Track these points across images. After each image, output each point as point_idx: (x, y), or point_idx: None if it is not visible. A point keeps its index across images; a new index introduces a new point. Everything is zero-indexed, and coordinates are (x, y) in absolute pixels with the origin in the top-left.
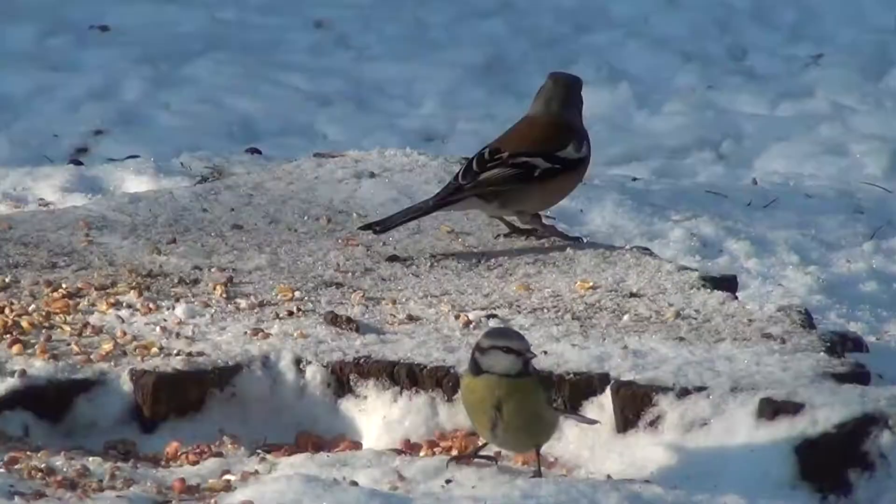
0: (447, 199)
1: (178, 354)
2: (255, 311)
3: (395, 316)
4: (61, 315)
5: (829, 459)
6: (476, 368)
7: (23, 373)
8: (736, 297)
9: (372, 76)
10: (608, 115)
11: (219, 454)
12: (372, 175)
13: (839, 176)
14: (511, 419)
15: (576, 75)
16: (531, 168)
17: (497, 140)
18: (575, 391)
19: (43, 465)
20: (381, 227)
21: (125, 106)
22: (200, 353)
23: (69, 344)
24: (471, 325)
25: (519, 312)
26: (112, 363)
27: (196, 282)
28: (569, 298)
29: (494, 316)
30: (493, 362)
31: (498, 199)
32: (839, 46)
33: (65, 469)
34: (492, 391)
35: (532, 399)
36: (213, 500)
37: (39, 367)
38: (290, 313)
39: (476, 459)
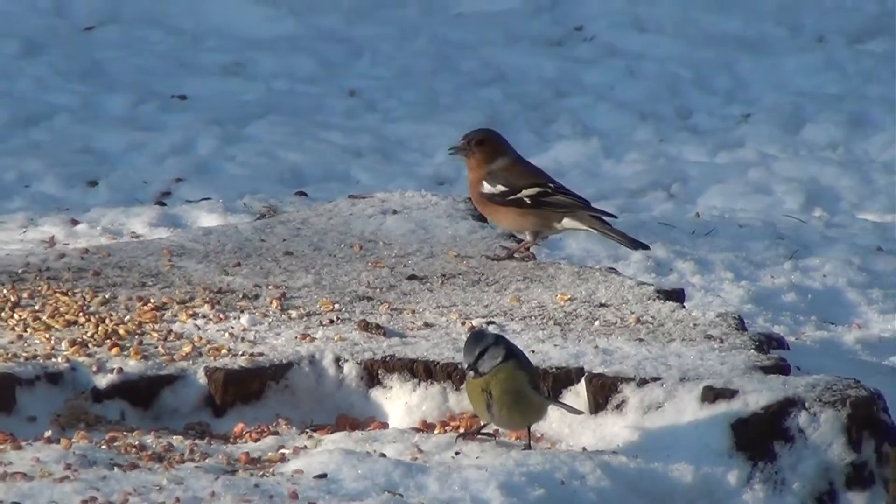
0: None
1: (242, 355)
2: (304, 319)
3: (414, 323)
4: (150, 324)
5: (758, 434)
6: None
7: (120, 370)
8: (683, 307)
9: (395, 133)
10: (582, 164)
11: (275, 433)
12: (395, 212)
13: (765, 210)
14: (498, 398)
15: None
16: None
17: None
18: (556, 382)
19: (136, 443)
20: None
21: (200, 159)
22: (260, 354)
23: (156, 347)
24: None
25: (512, 319)
26: (190, 362)
27: (257, 297)
28: (551, 308)
29: (493, 322)
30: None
31: None
32: (764, 107)
33: (153, 445)
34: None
35: (512, 380)
36: (271, 469)
37: (133, 365)
38: (331, 321)
39: (479, 436)
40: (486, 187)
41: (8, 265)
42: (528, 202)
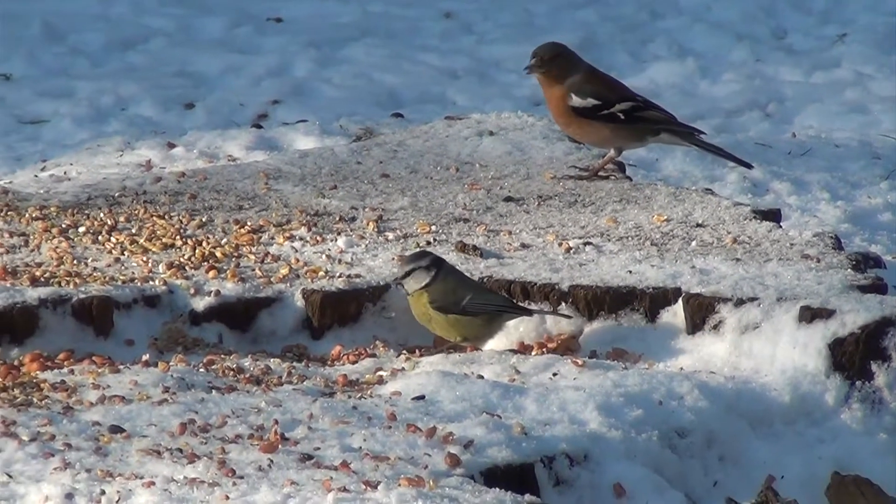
0: None
1: (339, 276)
2: (400, 241)
3: (510, 244)
4: (247, 246)
5: (855, 353)
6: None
7: (217, 293)
8: (780, 227)
9: (490, 55)
10: (678, 84)
11: (373, 355)
12: (491, 133)
13: (861, 130)
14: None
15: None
16: None
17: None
18: (654, 302)
19: (234, 366)
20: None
21: (296, 81)
22: (357, 276)
23: (254, 269)
24: (571, 251)
25: (609, 240)
26: (288, 284)
27: (353, 219)
28: (648, 229)
29: (589, 243)
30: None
31: None
32: (860, 27)
33: (251, 368)
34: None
35: (417, 305)
36: (368, 392)
37: (230, 287)
38: (428, 243)
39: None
40: (576, 100)
41: (105, 189)
42: (622, 117)
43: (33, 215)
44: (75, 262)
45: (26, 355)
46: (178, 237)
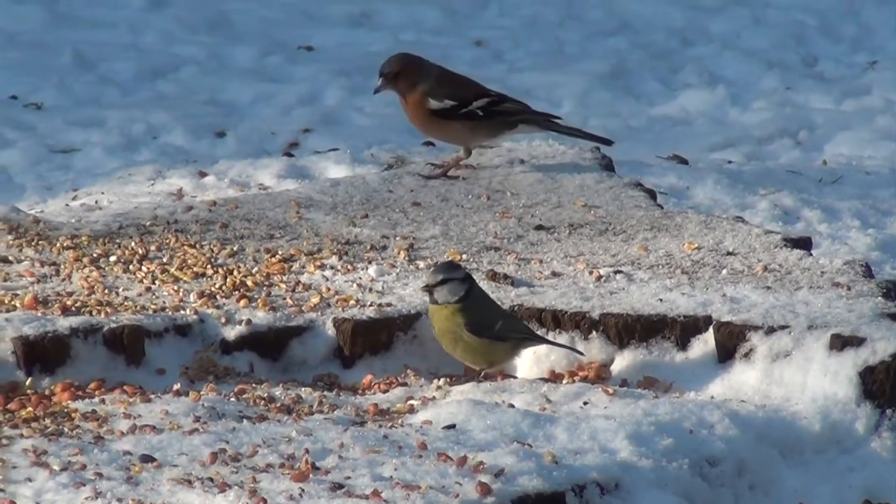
0: None
1: (370, 305)
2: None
3: (541, 272)
4: (278, 275)
5: (885, 382)
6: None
7: (248, 321)
8: (811, 254)
9: (521, 83)
10: (708, 112)
11: (404, 384)
12: (522, 161)
13: (891, 157)
14: (439, 334)
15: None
16: None
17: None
18: (684, 330)
19: (265, 395)
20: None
21: (327, 110)
22: (389, 304)
23: (285, 298)
24: (601, 279)
25: (640, 269)
26: (319, 313)
27: (384, 248)
28: (679, 257)
29: (620, 272)
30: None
31: None
32: (891, 54)
33: (282, 397)
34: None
35: (450, 321)
36: (399, 420)
37: (262, 316)
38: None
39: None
40: (434, 103)
41: (136, 218)
42: (481, 113)
43: (64, 244)
44: (106, 291)
45: (57, 385)
46: (209, 266)
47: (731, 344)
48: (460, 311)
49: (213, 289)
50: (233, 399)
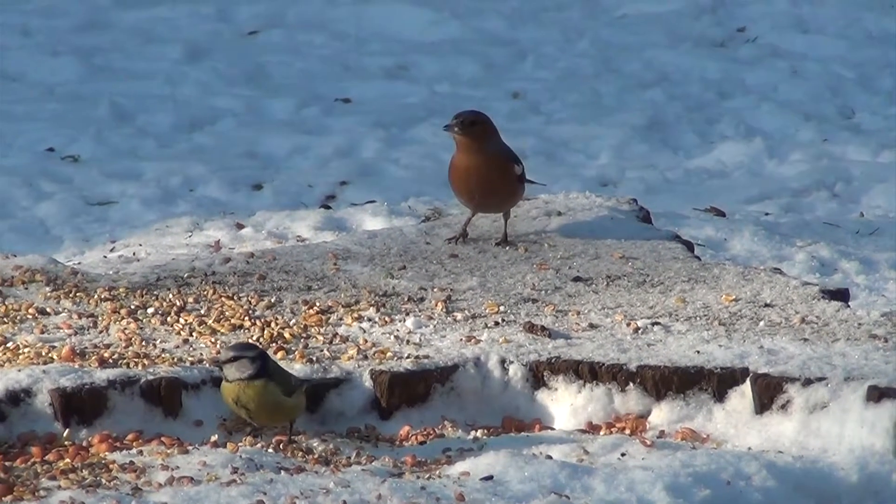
0: None
1: (408, 357)
2: (469, 322)
3: (578, 324)
4: (315, 327)
5: None
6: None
7: None
8: (848, 306)
9: (558, 135)
10: (745, 164)
11: (441, 435)
12: (559, 213)
13: None
14: (256, 412)
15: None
16: None
17: None
18: (721, 382)
19: (303, 446)
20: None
21: (364, 162)
22: (426, 356)
23: (322, 350)
24: (639, 331)
25: (677, 320)
26: (356, 365)
27: (422, 300)
28: (716, 309)
29: (658, 323)
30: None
31: None
32: None
33: (320, 448)
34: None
35: (266, 395)
36: (437, 472)
37: (299, 368)
38: (497, 323)
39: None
40: (517, 168)
41: (174, 269)
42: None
43: (102, 296)
44: (144, 343)
45: (95, 436)
46: (246, 318)
47: (768, 395)
48: (267, 384)
49: (250, 341)
50: (270, 450)
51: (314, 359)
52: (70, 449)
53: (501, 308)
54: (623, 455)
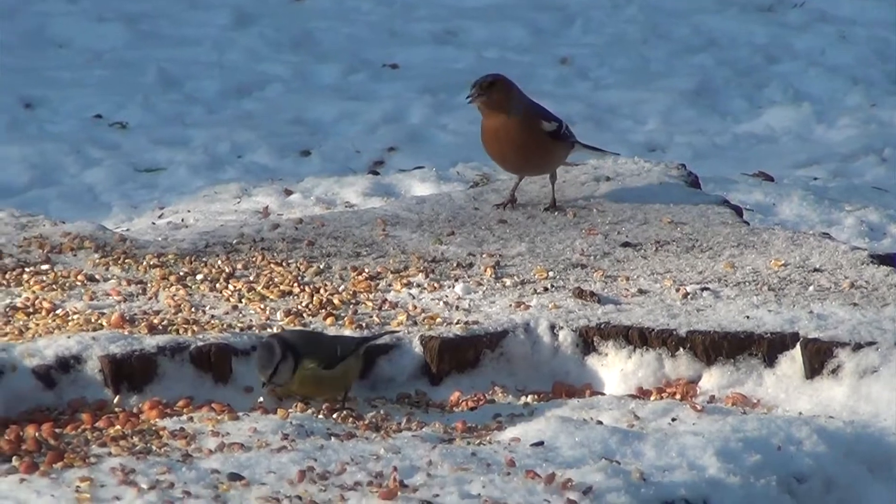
0: None
1: (457, 323)
2: (518, 287)
3: (628, 290)
4: (364, 293)
5: None
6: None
7: None
8: None
9: (605, 101)
10: (793, 129)
11: (491, 401)
12: (608, 179)
13: None
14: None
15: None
16: None
17: None
18: (771, 347)
19: (353, 412)
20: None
21: (412, 127)
22: (475, 322)
23: (371, 316)
24: (688, 296)
25: (726, 286)
26: (406, 331)
27: (471, 265)
28: (765, 274)
29: (707, 289)
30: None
31: None
32: None
33: (370, 415)
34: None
35: (309, 379)
36: (487, 438)
37: (348, 335)
38: (546, 289)
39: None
40: (546, 125)
41: (222, 236)
42: (569, 135)
43: (151, 263)
44: (193, 309)
45: (145, 402)
46: (295, 284)
47: (818, 360)
48: (306, 364)
49: (299, 307)
50: (321, 417)
51: (364, 325)
52: (120, 416)
53: (550, 274)
54: (673, 420)
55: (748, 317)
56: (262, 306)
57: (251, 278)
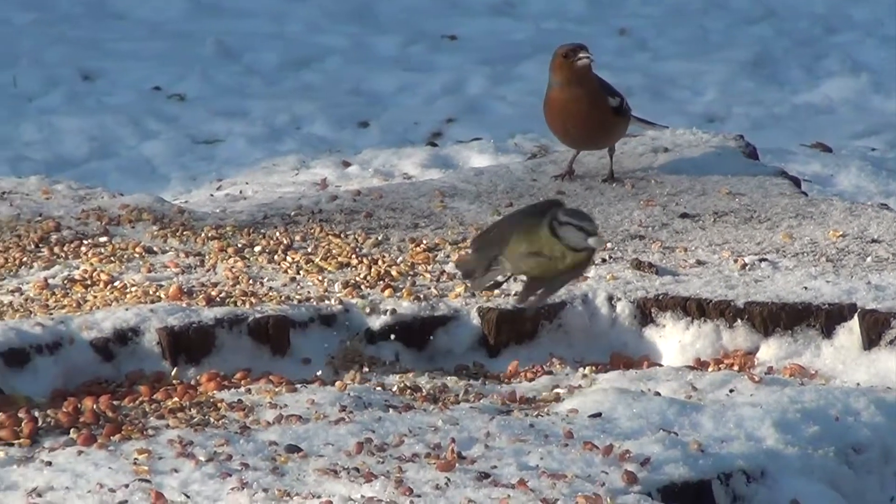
0: None
1: (515, 294)
2: None
3: (686, 261)
4: (423, 265)
5: None
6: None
7: (393, 311)
8: None
9: (665, 71)
10: (851, 99)
11: (549, 372)
12: (665, 150)
13: None
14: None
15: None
16: None
17: None
18: (829, 318)
19: (410, 384)
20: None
21: (470, 99)
22: None
23: (429, 287)
24: (746, 267)
25: (784, 256)
26: (464, 302)
27: None
28: (823, 244)
29: (765, 259)
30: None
31: None
32: None
33: (428, 386)
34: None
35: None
36: (545, 409)
37: (406, 306)
38: (604, 260)
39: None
40: (612, 101)
41: (281, 208)
42: (629, 109)
43: (209, 235)
44: (251, 281)
45: (203, 375)
46: (353, 256)
47: (876, 331)
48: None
49: (357, 279)
50: (379, 388)
51: (422, 296)
52: (178, 388)
53: (609, 245)
54: (731, 392)
55: (806, 288)
56: (320, 278)
57: (309, 250)
